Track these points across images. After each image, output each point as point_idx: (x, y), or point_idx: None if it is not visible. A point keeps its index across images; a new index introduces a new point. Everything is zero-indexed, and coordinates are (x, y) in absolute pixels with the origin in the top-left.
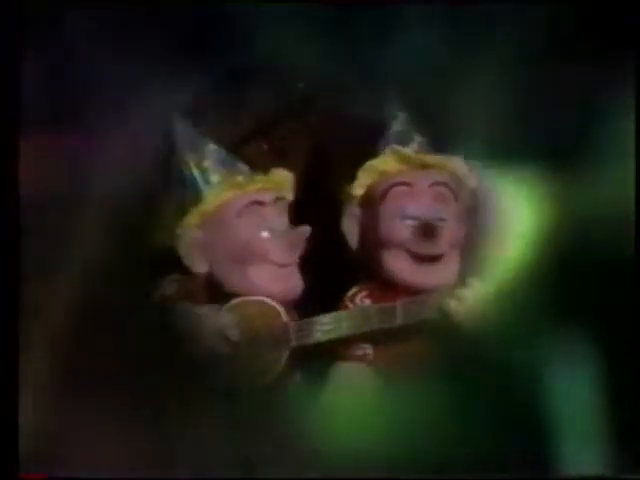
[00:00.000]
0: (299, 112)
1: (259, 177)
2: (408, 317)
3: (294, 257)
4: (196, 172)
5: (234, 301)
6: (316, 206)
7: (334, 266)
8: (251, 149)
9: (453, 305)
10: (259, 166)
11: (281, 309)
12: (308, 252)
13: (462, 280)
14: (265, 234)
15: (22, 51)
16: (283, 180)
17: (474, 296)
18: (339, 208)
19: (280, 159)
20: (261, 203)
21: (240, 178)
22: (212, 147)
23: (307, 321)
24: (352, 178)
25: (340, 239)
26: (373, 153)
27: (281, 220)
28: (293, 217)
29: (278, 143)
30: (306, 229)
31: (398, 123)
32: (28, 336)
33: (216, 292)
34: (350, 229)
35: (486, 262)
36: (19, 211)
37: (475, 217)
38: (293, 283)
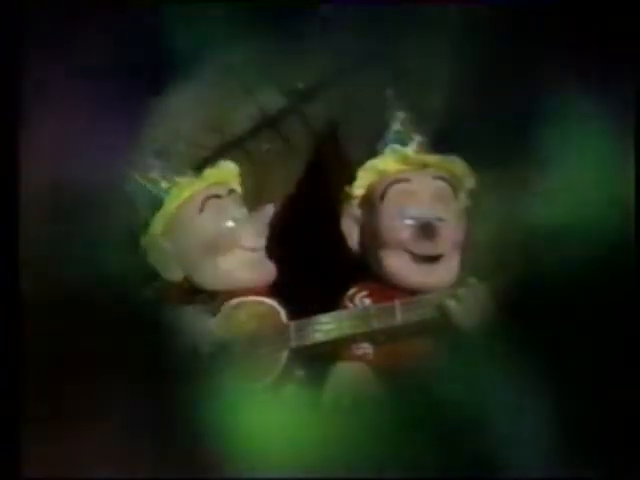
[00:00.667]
0: (299, 112)
1: (207, 173)
2: (408, 316)
3: (263, 240)
4: (147, 185)
5: (233, 302)
6: (316, 206)
7: (334, 266)
8: (251, 149)
9: (453, 305)
10: (259, 166)
11: (280, 309)
12: (308, 252)
13: (462, 280)
14: (230, 223)
15: (22, 51)
16: (230, 173)
17: (474, 296)
18: (339, 208)
19: (280, 159)
20: (218, 196)
21: (190, 178)
22: (153, 160)
23: (307, 321)
24: (352, 178)
25: (340, 239)
26: (373, 153)
27: (239, 209)
28: (293, 217)
29: (278, 143)
30: (269, 209)
31: (398, 123)
32: (28, 336)
33: (199, 294)
34: (350, 229)
35: (485, 262)
36: (19, 211)
37: (474, 217)
38: (266, 267)
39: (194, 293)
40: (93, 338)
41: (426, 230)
